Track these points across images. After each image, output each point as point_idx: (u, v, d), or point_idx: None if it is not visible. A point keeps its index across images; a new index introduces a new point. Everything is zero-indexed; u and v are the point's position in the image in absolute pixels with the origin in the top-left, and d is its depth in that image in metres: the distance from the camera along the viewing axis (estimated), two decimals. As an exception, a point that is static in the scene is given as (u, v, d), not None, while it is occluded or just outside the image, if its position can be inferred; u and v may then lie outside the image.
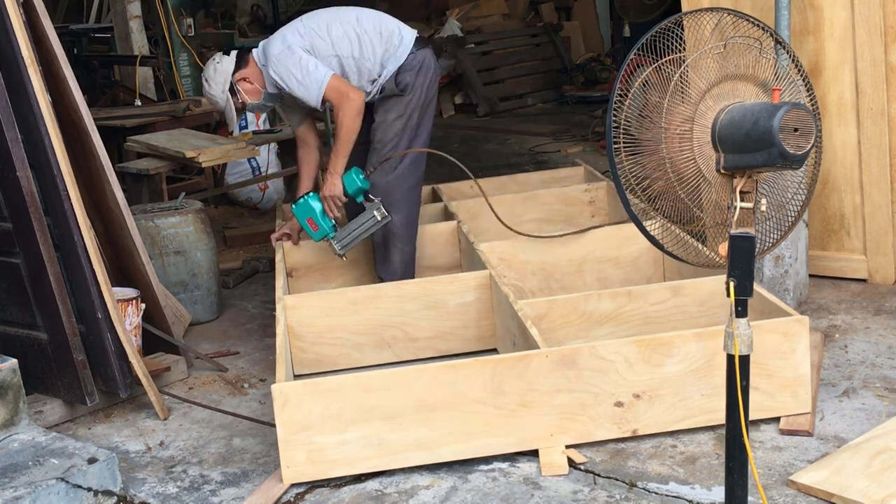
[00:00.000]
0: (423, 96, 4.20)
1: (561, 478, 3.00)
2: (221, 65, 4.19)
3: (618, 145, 2.31)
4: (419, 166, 4.28)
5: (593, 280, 4.32)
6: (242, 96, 4.23)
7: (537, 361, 3.08)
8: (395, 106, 4.18)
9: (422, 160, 4.28)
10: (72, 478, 2.99)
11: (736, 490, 2.39)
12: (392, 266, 4.27)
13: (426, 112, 4.25)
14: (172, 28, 7.93)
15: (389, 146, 4.18)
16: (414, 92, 4.17)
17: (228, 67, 4.18)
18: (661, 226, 2.41)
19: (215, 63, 4.21)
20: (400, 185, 4.20)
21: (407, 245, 4.28)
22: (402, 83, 4.16)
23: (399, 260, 4.26)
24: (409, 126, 4.19)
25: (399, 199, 4.20)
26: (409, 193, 4.24)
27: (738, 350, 2.29)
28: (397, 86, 4.16)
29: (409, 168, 4.22)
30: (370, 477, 3.10)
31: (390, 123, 4.18)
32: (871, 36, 4.10)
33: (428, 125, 4.28)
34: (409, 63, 4.17)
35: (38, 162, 3.51)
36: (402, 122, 4.18)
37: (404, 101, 4.17)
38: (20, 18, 3.48)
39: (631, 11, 10.39)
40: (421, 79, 4.19)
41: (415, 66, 4.17)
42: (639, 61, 2.33)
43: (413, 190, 4.27)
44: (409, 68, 4.16)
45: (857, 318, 3.99)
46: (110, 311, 3.59)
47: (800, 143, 2.11)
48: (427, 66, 4.21)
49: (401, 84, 4.16)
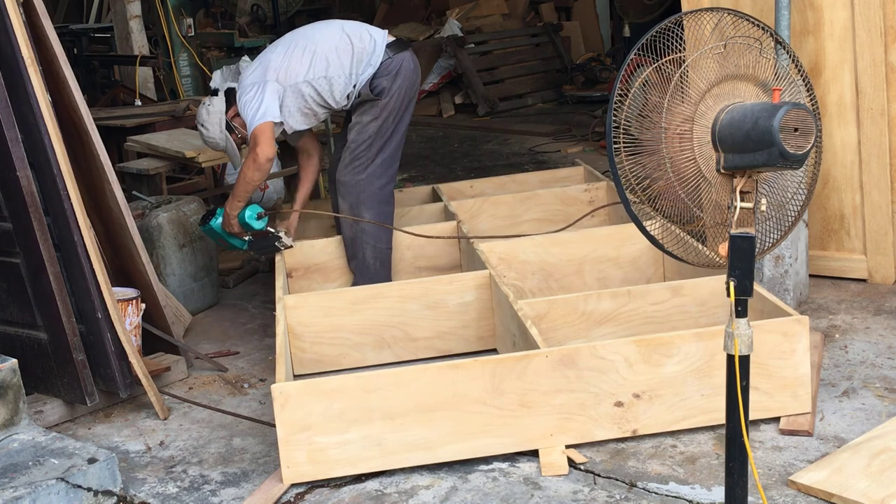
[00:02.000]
0: (399, 100, 4.23)
1: (561, 478, 3.01)
2: (213, 106, 4.27)
3: (618, 145, 2.31)
4: (391, 165, 4.32)
5: (593, 280, 4.32)
6: (240, 131, 4.30)
7: (537, 361, 3.08)
8: (371, 109, 4.22)
9: (394, 159, 4.33)
10: (72, 478, 2.99)
11: (736, 490, 2.39)
12: (364, 262, 4.32)
13: (403, 115, 4.29)
14: (172, 28, 7.93)
15: (363, 147, 4.23)
16: (390, 96, 4.20)
17: (221, 107, 4.26)
18: (661, 226, 2.41)
19: (207, 106, 4.28)
20: (371, 184, 4.25)
21: (381, 243, 4.32)
22: (378, 88, 4.20)
23: (372, 257, 4.31)
24: (384, 129, 4.23)
25: (370, 197, 4.25)
26: (380, 192, 4.29)
27: (738, 350, 2.29)
28: (372, 91, 4.20)
29: (380, 167, 4.26)
30: (370, 477, 3.10)
31: (364, 125, 4.23)
32: (871, 36, 4.10)
33: (403, 127, 4.32)
34: (385, 68, 4.19)
35: (38, 162, 3.51)
36: (377, 126, 4.22)
37: (380, 105, 4.20)
38: (20, 18, 3.48)
39: (631, 11, 10.38)
40: (398, 82, 4.21)
41: (391, 71, 4.19)
42: (639, 61, 2.33)
43: (385, 188, 4.31)
44: (385, 73, 4.19)
45: (857, 318, 3.99)
46: (110, 311, 3.59)
47: (800, 143, 2.11)
48: (405, 70, 4.23)
49: (376, 89, 4.20)
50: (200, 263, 4.81)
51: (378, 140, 4.23)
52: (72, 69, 3.80)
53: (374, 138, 4.22)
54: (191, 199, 4.96)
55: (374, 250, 4.30)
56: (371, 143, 4.23)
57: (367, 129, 4.22)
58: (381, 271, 4.32)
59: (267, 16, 10.85)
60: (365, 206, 4.26)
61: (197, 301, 4.81)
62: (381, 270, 4.32)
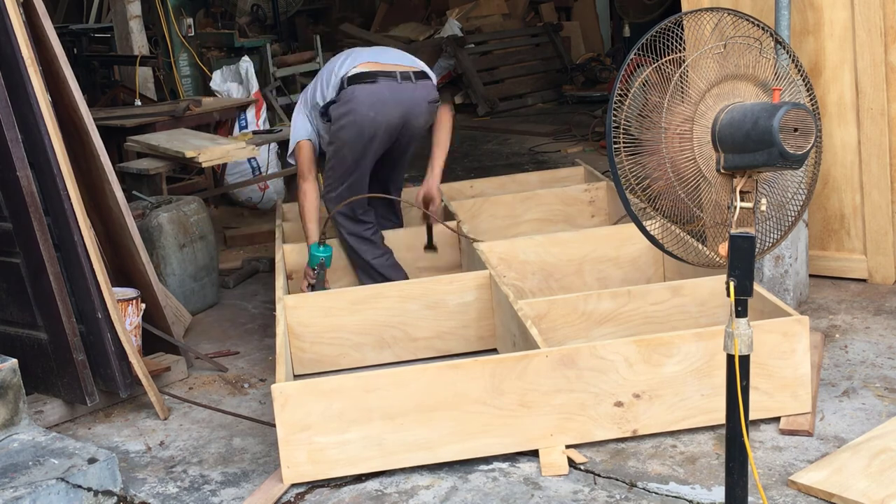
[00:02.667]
0: (350, 133, 4.17)
1: (561, 478, 3.01)
2: None
3: (618, 145, 2.31)
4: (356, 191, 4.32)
5: (593, 280, 4.32)
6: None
7: (537, 361, 3.08)
8: (329, 134, 4.32)
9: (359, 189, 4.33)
10: (72, 478, 2.99)
11: (736, 490, 2.39)
12: (359, 271, 4.46)
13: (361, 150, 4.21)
14: (172, 28, 7.93)
15: (328, 170, 4.35)
16: (339, 125, 4.20)
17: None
18: (661, 226, 2.40)
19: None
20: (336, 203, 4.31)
21: (367, 255, 4.38)
22: (328, 115, 4.30)
23: (361, 268, 4.43)
24: (341, 157, 4.25)
25: (338, 214, 4.30)
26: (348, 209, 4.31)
27: (738, 350, 2.29)
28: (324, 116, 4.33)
29: (346, 191, 4.29)
30: (370, 477, 3.10)
31: (328, 146, 4.34)
32: (871, 36, 4.10)
33: (365, 163, 4.27)
34: (341, 96, 4.22)
35: (38, 162, 3.51)
36: (332, 150, 4.29)
37: (332, 131, 4.27)
38: (20, 18, 3.48)
39: (631, 11, 10.38)
40: (346, 117, 4.17)
41: (342, 100, 4.20)
42: (639, 61, 2.33)
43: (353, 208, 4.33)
44: (339, 100, 4.22)
45: (857, 318, 3.99)
46: (110, 311, 3.59)
47: (800, 143, 2.11)
48: (356, 103, 4.14)
49: (325, 115, 4.32)
50: (200, 263, 4.81)
51: (338, 167, 4.28)
52: (72, 69, 3.80)
53: (332, 161, 4.31)
54: (191, 199, 4.96)
55: (362, 260, 4.37)
56: (332, 166, 4.32)
57: (329, 149, 4.33)
58: (373, 281, 4.33)
59: (267, 16, 10.84)
60: (337, 220, 4.35)
61: (197, 301, 4.81)
62: (372, 280, 4.34)
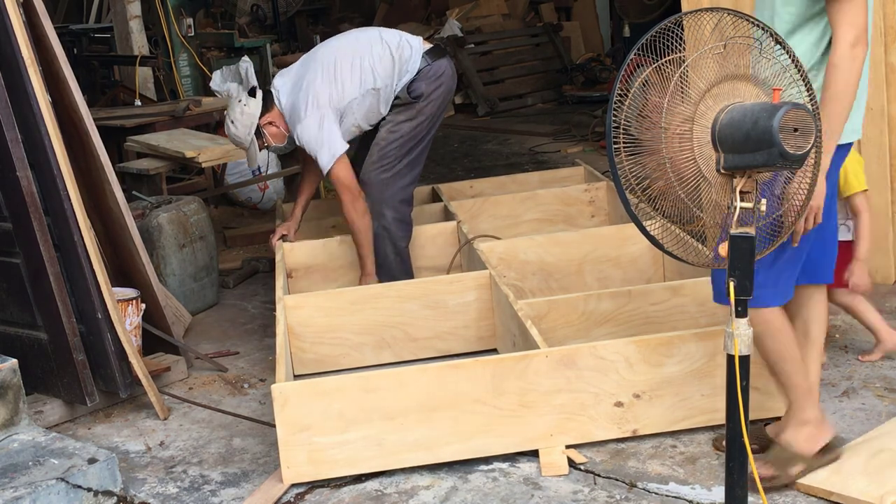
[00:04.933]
0: (436, 106, 4.25)
1: (561, 478, 3.00)
2: (248, 108, 4.19)
3: (618, 145, 2.31)
4: (416, 167, 4.31)
5: (593, 280, 4.32)
6: (268, 140, 4.30)
7: (537, 361, 3.08)
8: (406, 110, 4.22)
9: (420, 162, 4.31)
10: (72, 478, 2.99)
11: (736, 490, 2.39)
12: (386, 259, 4.31)
13: (436, 120, 4.30)
14: (172, 28, 7.93)
15: (393, 146, 4.21)
16: (428, 100, 4.21)
17: (255, 111, 4.20)
18: (661, 226, 2.41)
19: (242, 105, 4.20)
20: (394, 184, 4.24)
21: (401, 241, 4.31)
22: (416, 91, 4.20)
23: (393, 254, 4.30)
24: (417, 131, 4.23)
25: (392, 196, 4.24)
26: (402, 192, 4.28)
27: (738, 350, 2.29)
28: (410, 93, 4.20)
29: (406, 168, 4.25)
30: (370, 477, 3.10)
31: (397, 124, 4.23)
32: (871, 36, 4.09)
33: (434, 131, 4.33)
34: (424, 73, 4.20)
35: (38, 162, 3.51)
36: (410, 126, 4.21)
37: (416, 107, 4.21)
38: (20, 18, 3.48)
39: (631, 11, 10.38)
40: (438, 89, 4.22)
41: (430, 76, 4.21)
42: (639, 61, 2.33)
43: (407, 189, 4.30)
44: (424, 77, 4.20)
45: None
46: (110, 311, 3.59)
47: (800, 143, 2.12)
48: (445, 77, 4.25)
49: (414, 92, 4.20)
50: (200, 263, 4.81)
51: (409, 141, 4.23)
52: (72, 69, 3.80)
53: (405, 139, 4.22)
54: (191, 199, 4.96)
55: (395, 248, 4.30)
56: (402, 143, 4.22)
57: (399, 128, 4.22)
58: (401, 267, 4.31)
59: (267, 16, 10.86)
60: (386, 204, 4.24)
61: (197, 301, 4.81)
62: (401, 267, 4.31)
